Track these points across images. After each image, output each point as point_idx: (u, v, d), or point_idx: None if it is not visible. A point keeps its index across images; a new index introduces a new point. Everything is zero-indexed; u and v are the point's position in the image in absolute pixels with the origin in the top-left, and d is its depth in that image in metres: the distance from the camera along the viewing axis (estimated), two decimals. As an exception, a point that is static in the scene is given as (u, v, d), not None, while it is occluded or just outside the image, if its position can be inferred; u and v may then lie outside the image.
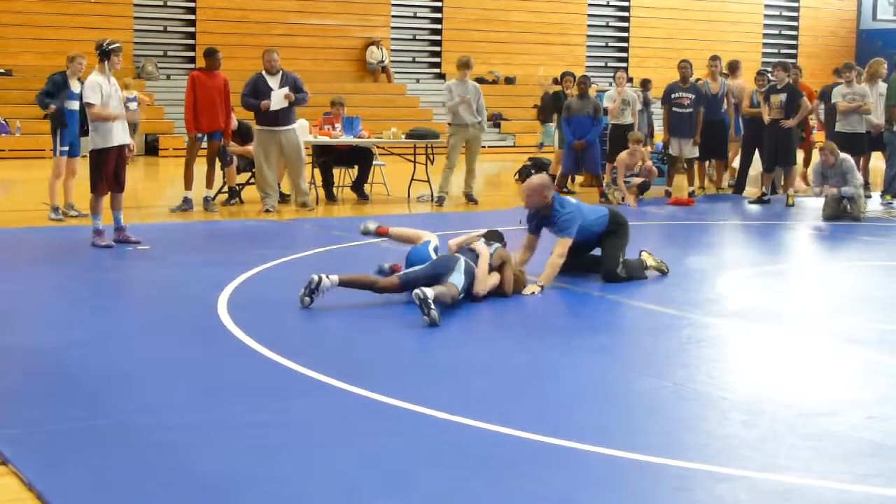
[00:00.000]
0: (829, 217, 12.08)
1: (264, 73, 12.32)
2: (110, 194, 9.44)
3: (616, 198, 13.42)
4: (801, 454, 4.33)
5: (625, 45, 29.26)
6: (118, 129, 9.33)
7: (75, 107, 10.62)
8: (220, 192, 12.94)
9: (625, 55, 29.09)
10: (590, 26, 28.77)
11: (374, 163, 14.12)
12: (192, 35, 24.31)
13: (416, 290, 6.49)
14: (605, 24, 29.15)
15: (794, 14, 31.63)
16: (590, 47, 28.79)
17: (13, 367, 5.59)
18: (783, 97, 13.44)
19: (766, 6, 31.18)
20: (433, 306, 6.40)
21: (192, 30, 24.35)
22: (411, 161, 14.15)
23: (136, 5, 23.66)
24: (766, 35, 31.18)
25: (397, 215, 12.72)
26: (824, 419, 4.78)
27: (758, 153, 14.30)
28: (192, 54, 23.92)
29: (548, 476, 4.04)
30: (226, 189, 13.02)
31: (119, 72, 9.65)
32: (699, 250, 10.23)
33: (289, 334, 6.37)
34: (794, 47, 31.40)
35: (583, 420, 4.75)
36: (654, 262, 8.29)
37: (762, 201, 13.70)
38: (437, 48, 27.15)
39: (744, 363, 6.00)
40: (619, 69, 18.38)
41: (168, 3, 24.25)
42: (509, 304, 7.26)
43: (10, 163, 19.10)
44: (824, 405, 5.04)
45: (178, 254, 9.30)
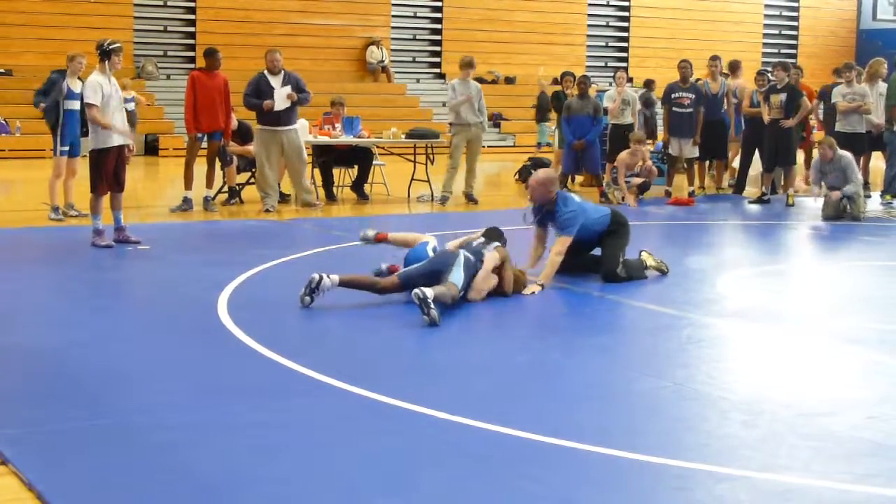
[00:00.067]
0: (829, 217, 12.08)
1: (266, 72, 12.32)
2: (110, 194, 9.45)
3: (616, 197, 13.42)
4: (801, 454, 4.33)
5: (625, 45, 29.26)
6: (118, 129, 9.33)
7: (76, 106, 10.60)
8: (219, 191, 12.94)
9: (625, 55, 29.09)
10: (590, 26, 28.78)
11: (374, 163, 14.12)
12: (192, 35, 24.32)
13: (416, 290, 6.48)
14: (605, 24, 29.15)
15: (794, 14, 31.64)
16: (590, 47, 28.79)
17: (13, 367, 5.59)
18: (783, 97, 13.44)
19: (766, 6, 31.18)
20: (433, 306, 6.40)
21: (192, 30, 24.36)
22: (411, 161, 14.15)
23: (136, 5, 23.67)
24: (766, 35, 31.18)
25: (397, 215, 12.73)
26: (824, 419, 4.78)
27: (758, 153, 14.32)
28: (192, 54, 23.93)
29: (548, 476, 4.04)
30: (226, 189, 13.02)
31: (118, 72, 9.64)
32: (699, 250, 10.23)
33: (289, 334, 6.37)
34: (794, 47, 31.40)
35: (583, 420, 4.75)
36: (653, 262, 8.29)
37: (762, 201, 13.70)
38: (438, 48, 27.15)
39: (744, 363, 6.00)
40: (619, 69, 18.40)
41: (168, 3, 24.25)
42: (509, 304, 7.25)
43: (10, 163, 19.10)
44: (824, 405, 5.04)
45: (178, 254, 9.30)
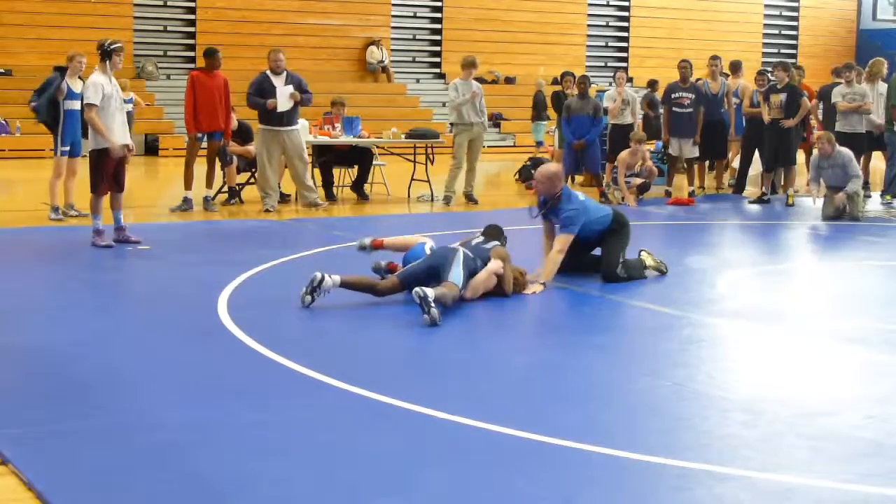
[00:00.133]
0: (829, 217, 12.08)
1: (269, 72, 12.32)
2: (110, 194, 9.45)
3: (616, 197, 13.42)
4: (801, 454, 4.33)
5: (625, 45, 29.25)
6: (118, 129, 9.33)
7: (76, 106, 10.59)
8: (219, 191, 12.93)
9: (625, 55, 29.08)
10: (590, 26, 28.76)
11: (374, 163, 14.12)
12: (192, 35, 24.30)
13: (416, 289, 6.49)
14: (605, 24, 29.13)
15: (794, 14, 31.62)
16: (590, 47, 28.77)
17: (13, 366, 5.59)
18: (783, 97, 13.43)
19: (766, 6, 31.16)
20: (433, 304, 6.40)
21: (192, 30, 24.34)
22: (411, 161, 14.15)
23: (136, 5, 23.65)
24: (766, 35, 31.17)
25: (397, 215, 12.73)
26: (824, 419, 4.78)
27: (758, 153, 14.32)
28: (192, 54, 23.91)
29: (548, 476, 4.04)
30: (226, 189, 13.02)
31: (118, 72, 9.64)
32: (699, 250, 10.22)
33: (289, 334, 6.36)
34: (794, 47, 31.38)
35: (583, 420, 4.74)
36: (653, 261, 8.29)
37: (762, 201, 13.70)
38: (437, 48, 27.14)
39: (744, 363, 5.99)
40: (619, 69, 18.41)
41: (168, 3, 24.23)
42: (509, 304, 7.25)
43: (10, 163, 19.09)
44: (824, 405, 5.04)
45: (178, 254, 9.29)
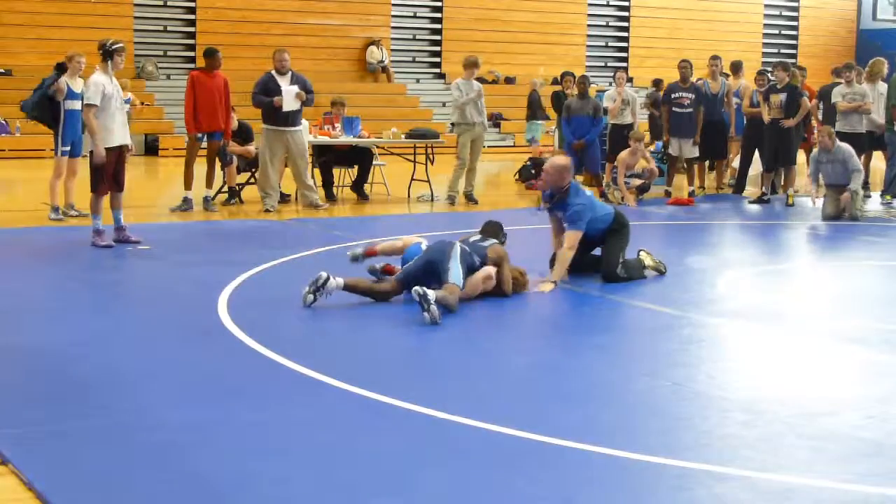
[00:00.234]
0: (829, 217, 12.08)
1: (274, 72, 12.31)
2: (110, 194, 9.45)
3: (616, 197, 13.42)
4: (801, 454, 4.33)
5: (625, 45, 29.24)
6: (118, 129, 9.33)
7: (77, 106, 10.58)
8: (219, 191, 12.93)
9: (625, 55, 29.07)
10: (590, 26, 28.75)
11: (374, 163, 14.12)
12: (192, 35, 24.29)
13: (416, 288, 6.49)
14: (605, 24, 29.13)
15: (794, 14, 31.61)
16: (590, 47, 28.76)
17: (13, 366, 5.58)
18: (783, 97, 13.43)
19: (766, 6, 31.15)
20: (432, 302, 6.39)
21: (192, 30, 24.33)
22: (411, 161, 14.15)
23: (136, 5, 23.64)
24: (766, 35, 31.15)
25: (397, 215, 12.73)
26: (824, 419, 4.78)
27: (758, 153, 14.31)
28: (192, 54, 23.89)
29: (548, 476, 4.04)
30: (226, 189, 13.02)
31: (119, 72, 9.64)
32: (699, 250, 10.23)
33: (289, 334, 6.36)
34: (794, 47, 31.37)
35: (583, 420, 4.74)
36: (652, 261, 8.29)
37: (762, 201, 13.70)
38: (437, 48, 27.13)
39: (744, 363, 5.99)
40: (619, 69, 18.40)
41: (168, 3, 24.23)
42: (509, 304, 7.25)
43: (10, 163, 19.08)
44: (824, 405, 5.03)
45: (178, 254, 9.29)
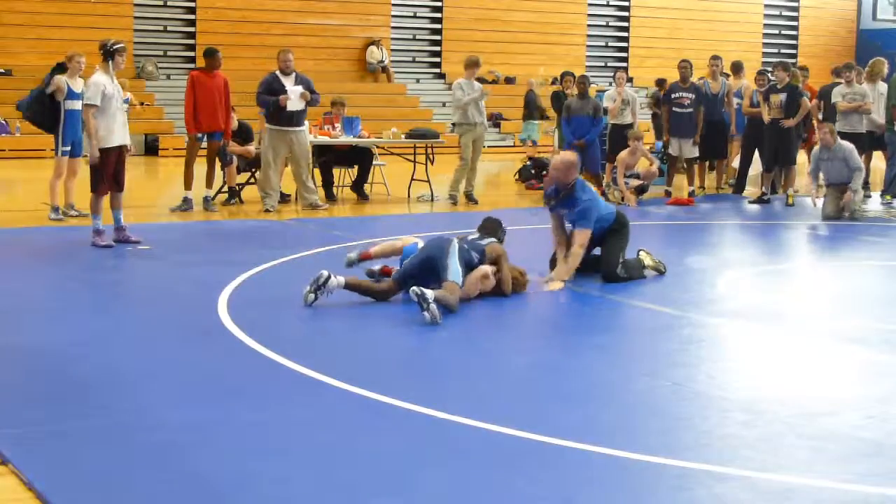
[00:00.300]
0: (829, 217, 12.08)
1: (279, 72, 12.31)
2: (110, 194, 9.45)
3: (616, 197, 13.42)
4: (801, 454, 4.33)
5: (625, 45, 29.25)
6: (118, 130, 9.34)
7: (77, 106, 10.58)
8: (219, 191, 12.93)
9: (625, 55, 29.07)
10: (590, 26, 28.76)
11: (374, 163, 14.13)
12: (192, 35, 24.29)
13: (414, 288, 6.49)
14: (605, 24, 29.14)
15: (794, 14, 31.62)
16: (590, 47, 28.77)
17: (13, 366, 5.59)
18: (783, 97, 13.44)
19: (767, 6, 31.16)
20: (431, 301, 6.39)
21: (192, 30, 24.33)
22: (411, 161, 14.16)
23: (136, 5, 23.65)
24: (766, 35, 31.16)
25: (397, 215, 12.74)
26: (824, 419, 4.78)
27: (758, 153, 14.32)
28: (192, 54, 23.89)
29: (548, 476, 4.04)
30: (226, 189, 13.02)
31: (119, 72, 9.64)
32: (699, 250, 10.22)
33: (289, 334, 6.37)
34: (794, 47, 31.38)
35: (583, 420, 4.74)
36: (651, 261, 8.29)
37: (762, 201, 13.70)
38: (437, 48, 27.13)
39: (744, 363, 5.99)
40: (619, 69, 18.39)
41: (168, 3, 24.23)
42: (509, 304, 7.25)
43: (10, 163, 19.09)
44: (824, 405, 5.03)
45: (178, 254, 9.29)
